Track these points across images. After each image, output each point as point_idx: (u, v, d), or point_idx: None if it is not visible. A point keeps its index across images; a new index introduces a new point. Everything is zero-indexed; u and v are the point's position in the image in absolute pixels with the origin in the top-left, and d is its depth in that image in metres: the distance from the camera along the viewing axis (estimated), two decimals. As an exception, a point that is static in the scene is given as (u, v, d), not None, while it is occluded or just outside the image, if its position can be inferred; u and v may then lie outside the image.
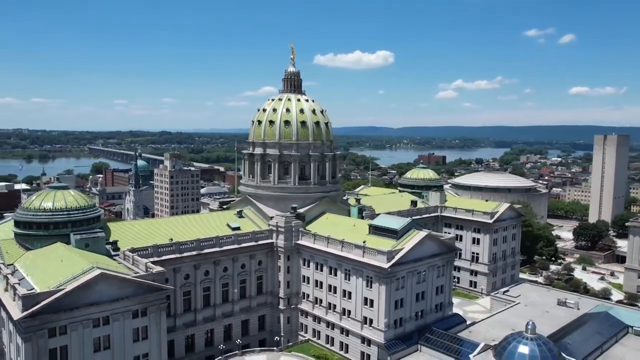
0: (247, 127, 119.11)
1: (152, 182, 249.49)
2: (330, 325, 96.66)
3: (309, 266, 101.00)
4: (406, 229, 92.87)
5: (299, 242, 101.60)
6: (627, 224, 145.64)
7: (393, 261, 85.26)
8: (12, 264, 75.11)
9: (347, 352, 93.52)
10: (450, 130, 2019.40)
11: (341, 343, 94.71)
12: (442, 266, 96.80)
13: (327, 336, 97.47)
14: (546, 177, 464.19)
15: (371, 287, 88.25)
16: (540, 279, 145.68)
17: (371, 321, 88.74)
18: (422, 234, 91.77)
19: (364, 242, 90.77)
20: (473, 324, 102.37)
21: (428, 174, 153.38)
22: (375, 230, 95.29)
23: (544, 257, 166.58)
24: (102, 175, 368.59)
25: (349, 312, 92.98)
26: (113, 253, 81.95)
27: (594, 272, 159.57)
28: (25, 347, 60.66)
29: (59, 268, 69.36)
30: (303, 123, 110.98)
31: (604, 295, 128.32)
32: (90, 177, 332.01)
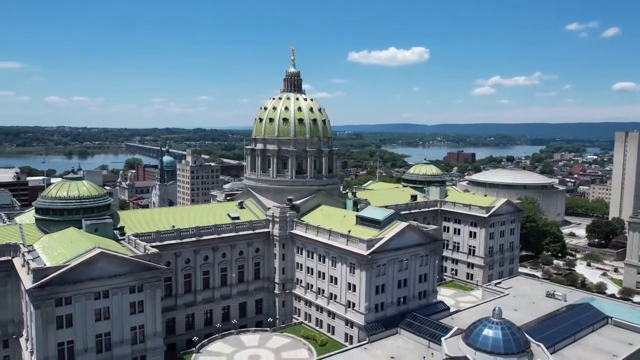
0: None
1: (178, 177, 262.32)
2: (319, 308, 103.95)
3: (302, 254, 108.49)
4: (389, 220, 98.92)
5: (293, 231, 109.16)
6: (627, 219, 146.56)
7: (373, 249, 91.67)
8: (31, 245, 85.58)
9: (333, 333, 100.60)
10: (486, 127, 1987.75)
11: (328, 325, 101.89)
12: (425, 255, 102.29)
13: (317, 319, 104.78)
14: (575, 175, 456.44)
15: (354, 273, 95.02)
16: (539, 273, 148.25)
17: (354, 305, 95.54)
18: (403, 224, 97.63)
19: (349, 231, 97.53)
20: (457, 311, 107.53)
21: (430, 169, 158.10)
22: (362, 220, 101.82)
23: (549, 253, 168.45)
24: (134, 171, 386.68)
25: (335, 296, 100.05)
26: (120, 237, 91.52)
27: (598, 268, 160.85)
28: (36, 314, 70.52)
29: (68, 248, 79.15)
30: (300, 120, 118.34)
31: (599, 289, 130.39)
32: (121, 172, 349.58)
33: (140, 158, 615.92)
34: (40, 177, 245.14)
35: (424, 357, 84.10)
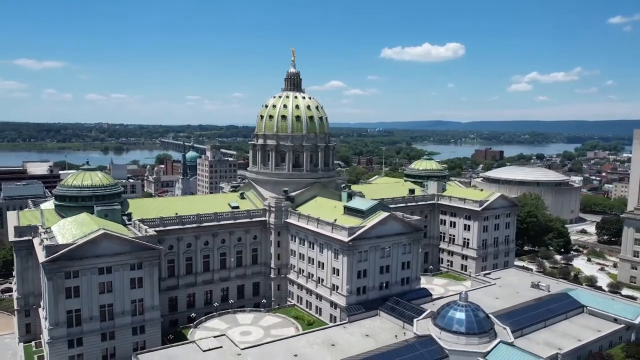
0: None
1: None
2: (309, 291, 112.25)
3: (295, 241, 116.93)
4: (372, 210, 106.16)
5: (288, 220, 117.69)
6: (622, 215, 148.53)
7: (353, 236, 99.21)
8: (49, 227, 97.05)
9: (320, 314, 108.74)
10: (522, 124, 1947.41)
11: (316, 307, 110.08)
12: (408, 244, 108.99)
13: (307, 301, 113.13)
14: (603, 174, 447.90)
15: (337, 258, 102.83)
16: (535, 267, 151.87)
17: (337, 287, 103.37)
18: (385, 214, 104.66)
19: (334, 220, 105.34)
20: (439, 298, 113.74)
21: (431, 165, 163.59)
22: (348, 210, 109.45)
23: (551, 248, 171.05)
24: (163, 166, 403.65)
25: (322, 280, 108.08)
26: (127, 222, 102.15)
27: (597, 264, 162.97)
28: (48, 285, 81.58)
29: (79, 230, 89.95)
30: (298, 118, 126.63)
31: (590, 282, 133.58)
32: (148, 166, 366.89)
33: (172, 154, 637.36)
34: (73, 171, 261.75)
35: (396, 336, 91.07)
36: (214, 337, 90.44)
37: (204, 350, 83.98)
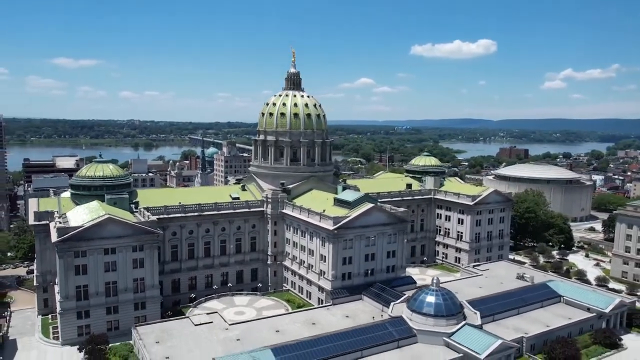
0: (339, 119, 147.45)
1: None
2: (301, 277, 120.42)
3: (290, 230, 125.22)
4: (359, 202, 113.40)
5: (283, 211, 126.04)
6: (614, 211, 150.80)
7: (338, 225, 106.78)
8: (65, 213, 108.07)
9: (310, 298, 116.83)
10: (555, 123, 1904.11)
11: (307, 291, 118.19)
12: (393, 234, 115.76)
13: (299, 286, 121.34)
14: (628, 173, 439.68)
15: (324, 246, 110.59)
16: (529, 260, 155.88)
17: (324, 273, 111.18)
18: (369, 205, 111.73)
19: (323, 210, 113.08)
20: (423, 286, 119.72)
21: (430, 161, 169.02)
22: (337, 202, 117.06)
23: (551, 244, 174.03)
24: (188, 161, 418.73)
25: (312, 266, 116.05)
26: (134, 210, 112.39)
27: (594, 259, 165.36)
28: (59, 262, 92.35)
29: (89, 215, 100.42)
30: (296, 115, 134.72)
31: (579, 275, 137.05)
32: (171, 162, 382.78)
33: (198, 150, 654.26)
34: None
35: (373, 317, 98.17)
36: (207, 314, 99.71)
37: (196, 325, 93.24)
